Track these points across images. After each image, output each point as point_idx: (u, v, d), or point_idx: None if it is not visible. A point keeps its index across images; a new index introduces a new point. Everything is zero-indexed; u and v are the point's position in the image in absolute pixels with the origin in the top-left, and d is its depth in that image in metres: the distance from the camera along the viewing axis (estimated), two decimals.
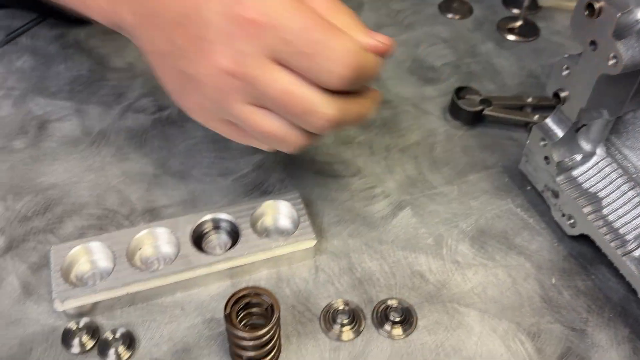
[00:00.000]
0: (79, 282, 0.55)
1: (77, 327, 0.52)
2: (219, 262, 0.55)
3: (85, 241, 0.55)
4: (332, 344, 0.53)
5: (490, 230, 0.61)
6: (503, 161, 0.68)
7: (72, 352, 0.51)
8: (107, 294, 0.52)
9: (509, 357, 0.52)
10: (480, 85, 0.76)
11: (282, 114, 0.49)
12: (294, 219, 0.59)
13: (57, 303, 0.52)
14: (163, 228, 0.57)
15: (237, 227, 0.57)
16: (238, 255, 0.55)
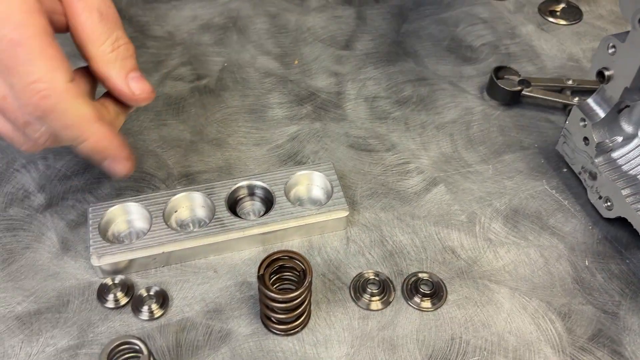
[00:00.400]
0: (116, 240, 0.56)
1: (112, 283, 0.53)
2: (252, 227, 0.56)
3: (123, 201, 0.57)
4: (361, 313, 0.53)
5: (524, 210, 0.61)
6: (539, 142, 0.67)
7: (107, 306, 0.52)
8: (142, 252, 0.53)
9: (539, 335, 0.52)
10: (519, 67, 0.75)
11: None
12: (327, 189, 0.60)
13: (94, 258, 0.53)
14: (199, 192, 0.58)
15: (271, 194, 0.58)
16: (271, 221, 0.56)
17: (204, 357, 0.50)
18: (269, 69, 0.75)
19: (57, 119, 0.45)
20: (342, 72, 0.74)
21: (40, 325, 0.51)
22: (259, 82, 0.73)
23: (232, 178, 0.59)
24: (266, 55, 0.76)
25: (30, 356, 0.49)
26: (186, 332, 0.51)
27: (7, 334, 0.51)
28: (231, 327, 0.52)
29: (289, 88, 0.73)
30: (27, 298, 0.53)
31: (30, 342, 0.50)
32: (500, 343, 0.51)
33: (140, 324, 0.52)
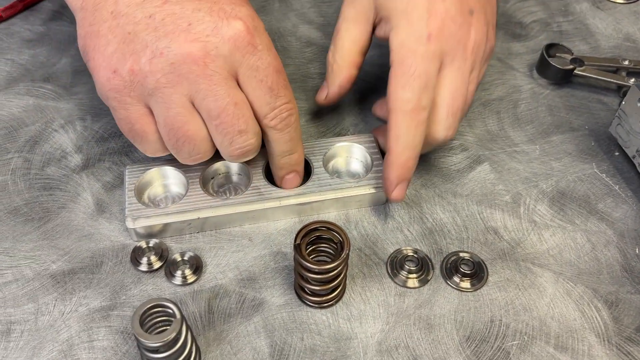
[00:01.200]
0: (151, 203, 0.55)
1: (147, 246, 0.53)
2: (289, 197, 0.54)
3: (160, 164, 0.56)
4: (397, 289, 0.51)
5: (572, 194, 0.58)
6: (590, 124, 0.64)
7: (140, 269, 0.52)
8: (178, 217, 0.53)
9: (583, 322, 0.50)
10: (571, 46, 0.71)
11: (214, 123, 0.48)
12: (366, 163, 0.58)
13: (129, 221, 0.52)
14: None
15: (309, 164, 0.57)
16: (309, 192, 0.55)
17: (236, 325, 0.49)
18: (311, 39, 0.73)
19: (293, 131, 0.52)
20: (385, 44, 0.72)
21: (73, 284, 0.51)
22: (300, 52, 0.71)
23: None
24: (308, 25, 0.74)
25: (64, 314, 0.49)
26: (219, 299, 0.50)
27: (42, 291, 0.50)
28: (264, 297, 0.51)
29: None
30: (62, 257, 0.53)
31: (63, 301, 0.50)
32: (541, 328, 0.49)
33: (173, 289, 0.51)
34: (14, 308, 0.49)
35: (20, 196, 0.57)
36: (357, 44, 0.57)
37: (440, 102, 0.52)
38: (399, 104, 0.51)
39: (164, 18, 0.46)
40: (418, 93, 0.51)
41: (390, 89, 0.52)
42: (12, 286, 0.51)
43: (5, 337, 0.48)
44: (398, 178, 0.53)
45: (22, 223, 0.55)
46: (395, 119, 0.51)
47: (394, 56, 0.52)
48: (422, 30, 0.51)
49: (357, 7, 0.56)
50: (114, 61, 0.47)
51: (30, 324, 0.49)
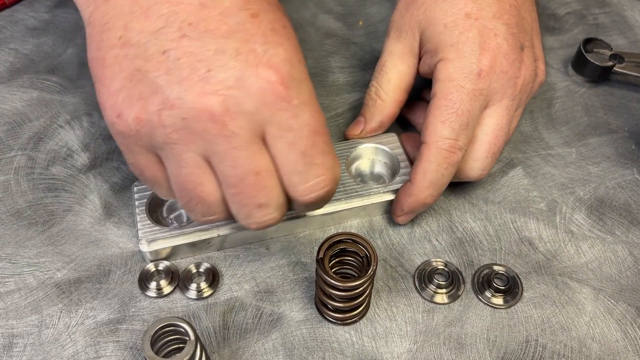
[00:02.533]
0: (165, 220, 0.51)
1: (155, 269, 0.49)
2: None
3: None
4: (425, 305, 0.48)
5: (611, 201, 0.55)
6: (630, 125, 0.60)
7: (148, 294, 0.48)
8: (195, 236, 0.48)
9: (626, 344, 0.46)
10: (609, 40, 0.67)
11: (231, 191, 0.40)
12: (392, 165, 0.54)
13: (144, 244, 0.48)
14: None
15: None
16: (334, 200, 0.50)
17: (253, 342, 0.46)
18: (331, 30, 0.69)
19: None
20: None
21: (79, 295, 0.48)
22: (319, 44, 0.67)
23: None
24: (328, 14, 0.70)
25: (69, 327, 0.46)
26: (234, 313, 0.47)
27: (46, 302, 0.47)
28: (283, 311, 0.47)
29: (352, 51, 0.66)
30: (67, 265, 0.49)
31: (69, 312, 0.47)
32: (581, 350, 0.46)
33: (185, 301, 0.48)
34: (16, 320, 0.46)
35: (23, 197, 0.53)
36: (404, 80, 0.54)
37: (482, 140, 0.50)
38: (435, 138, 0.48)
39: (179, 58, 0.38)
40: (457, 131, 0.48)
41: (429, 120, 0.49)
42: (14, 296, 0.48)
43: (7, 352, 0.45)
44: (411, 210, 0.50)
45: (25, 227, 0.52)
46: (427, 153, 0.48)
47: (439, 88, 0.49)
48: (472, 65, 0.48)
49: (404, 42, 0.53)
50: (119, 102, 0.39)
51: (34, 338, 0.46)
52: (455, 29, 0.49)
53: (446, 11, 0.50)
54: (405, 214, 0.51)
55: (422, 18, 0.52)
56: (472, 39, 0.48)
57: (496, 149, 0.50)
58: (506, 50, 0.48)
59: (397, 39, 0.54)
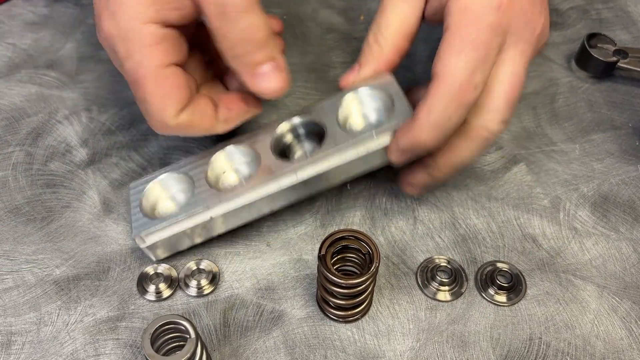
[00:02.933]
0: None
1: (154, 272, 0.48)
2: (305, 167, 0.46)
3: (158, 174, 0.49)
4: (428, 303, 0.47)
5: (615, 198, 0.54)
6: (634, 122, 0.60)
7: (147, 298, 0.47)
8: (189, 222, 0.46)
9: (630, 342, 0.46)
10: (612, 35, 0.66)
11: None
12: (387, 108, 0.48)
13: (139, 239, 0.46)
14: (238, 145, 0.49)
15: (321, 127, 0.48)
16: (327, 155, 0.46)
17: (254, 339, 0.45)
18: (332, 24, 0.68)
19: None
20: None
21: (78, 292, 0.47)
22: (321, 39, 0.67)
23: (273, 121, 0.50)
24: (329, 9, 0.69)
25: (68, 325, 0.46)
26: (235, 310, 0.47)
27: (44, 299, 0.47)
28: (284, 309, 0.47)
29: (353, 46, 0.66)
30: (66, 262, 0.49)
31: (68, 310, 0.46)
32: (585, 348, 0.45)
33: (186, 298, 0.47)
34: (14, 317, 0.46)
35: (21, 194, 0.53)
36: (405, 25, 0.48)
37: (498, 88, 0.44)
38: (448, 70, 0.42)
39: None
40: (473, 65, 0.42)
41: (440, 54, 0.43)
42: (12, 293, 0.47)
43: (6, 350, 0.44)
44: (407, 149, 0.45)
45: (23, 223, 0.51)
46: (436, 89, 0.43)
47: (452, 20, 0.43)
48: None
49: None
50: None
51: (32, 335, 0.45)
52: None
53: None
54: (400, 151, 0.45)
55: None
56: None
57: (513, 99, 0.45)
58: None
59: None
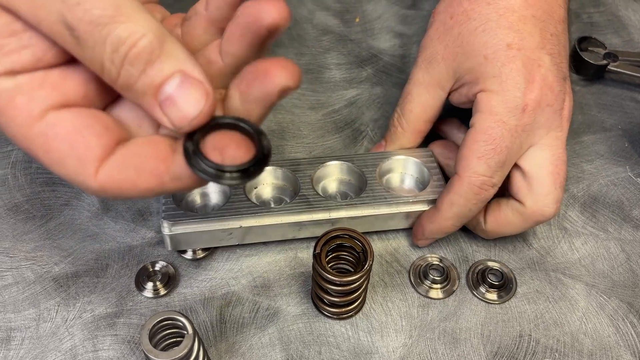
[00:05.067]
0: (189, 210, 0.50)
1: (152, 270, 0.49)
2: (339, 209, 0.49)
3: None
4: (420, 300, 0.49)
5: (604, 199, 0.55)
6: (623, 124, 0.61)
7: (145, 295, 0.48)
8: (219, 225, 0.48)
9: (617, 339, 0.47)
10: (603, 39, 0.68)
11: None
12: (422, 179, 0.53)
13: (166, 227, 0.47)
14: (283, 168, 0.52)
15: (362, 177, 0.52)
16: (362, 204, 0.49)
17: (250, 336, 0.46)
18: (328, 26, 0.69)
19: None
20: (407, 33, 0.68)
21: (77, 289, 0.48)
22: (317, 40, 0.68)
23: (318, 157, 0.53)
24: (325, 11, 0.70)
25: (67, 321, 0.46)
26: (231, 307, 0.48)
27: (44, 295, 0.48)
28: (279, 306, 0.48)
29: (348, 48, 0.67)
30: (65, 259, 0.50)
31: (67, 306, 0.47)
32: (574, 345, 0.46)
33: (183, 295, 0.48)
34: (14, 313, 0.47)
35: (21, 192, 0.53)
36: (427, 111, 0.52)
37: (542, 174, 0.47)
38: (469, 173, 0.46)
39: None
40: (493, 169, 0.46)
41: (464, 153, 0.47)
42: (12, 289, 0.48)
43: (5, 345, 0.45)
44: (431, 235, 0.50)
45: (23, 221, 0.52)
46: (458, 186, 0.47)
47: (479, 120, 0.47)
48: (517, 100, 0.45)
49: (432, 73, 0.51)
50: None
51: (32, 331, 0.46)
52: (497, 60, 0.46)
53: (486, 42, 0.47)
54: (425, 239, 0.50)
55: (458, 50, 0.49)
56: (515, 70, 0.46)
57: (561, 179, 0.47)
58: (551, 82, 0.46)
59: (426, 69, 0.51)
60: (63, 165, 0.32)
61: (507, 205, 0.48)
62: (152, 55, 0.30)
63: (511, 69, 0.46)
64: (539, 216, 0.48)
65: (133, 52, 0.30)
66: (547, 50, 0.47)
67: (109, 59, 0.30)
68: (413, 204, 0.50)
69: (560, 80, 0.47)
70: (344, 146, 0.58)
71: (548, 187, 0.47)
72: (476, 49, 0.48)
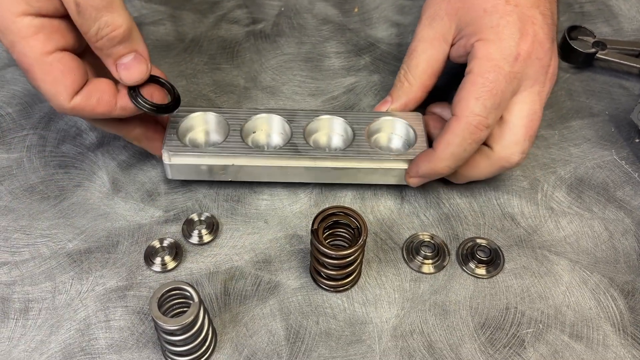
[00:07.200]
0: (191, 146, 0.55)
1: (160, 246, 0.52)
2: (325, 159, 0.53)
3: (204, 109, 0.56)
4: (413, 275, 0.51)
5: (590, 180, 0.58)
6: (610, 110, 0.63)
7: (154, 269, 0.51)
8: (214, 160, 0.53)
9: (599, 311, 0.50)
10: (593, 28, 0.70)
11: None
12: (408, 140, 0.56)
13: (166, 156, 0.52)
14: (279, 116, 0.56)
15: (352, 132, 0.55)
16: (346, 157, 0.53)
17: (252, 307, 0.49)
18: (327, 16, 0.72)
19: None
20: (404, 22, 0.71)
21: (90, 264, 0.51)
22: (316, 30, 0.70)
23: (314, 110, 0.57)
24: (325, 1, 0.73)
25: (80, 293, 0.49)
26: (235, 280, 0.51)
27: (59, 270, 0.51)
28: (280, 280, 0.51)
29: (347, 37, 0.70)
30: (78, 236, 0.53)
31: (80, 280, 0.50)
32: (557, 316, 0.49)
33: (189, 270, 0.51)
34: (31, 286, 0.50)
35: (35, 174, 0.57)
36: (433, 65, 0.56)
37: (517, 124, 0.51)
38: (466, 113, 0.49)
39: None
40: (488, 110, 0.49)
41: (462, 94, 0.50)
42: (29, 264, 0.51)
43: (24, 315, 0.48)
44: (425, 175, 0.52)
45: (38, 201, 0.55)
46: (455, 126, 0.50)
47: (476, 64, 0.50)
48: (511, 48, 0.49)
49: (436, 28, 0.55)
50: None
51: (48, 303, 0.49)
52: (495, 13, 0.51)
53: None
54: (418, 177, 0.53)
55: (459, 5, 0.53)
56: (512, 23, 0.50)
57: (532, 132, 0.51)
58: (542, 38, 0.50)
59: (430, 25, 0.55)
60: (53, 88, 0.46)
61: (477, 149, 0.52)
62: (122, 39, 0.46)
63: (507, 21, 0.50)
64: (504, 162, 0.52)
65: (112, 34, 0.45)
66: (540, 10, 0.51)
67: (95, 31, 0.45)
68: (394, 161, 0.54)
69: (550, 39, 0.51)
70: None
71: (518, 137, 0.51)
72: (477, 4, 0.52)
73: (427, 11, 0.56)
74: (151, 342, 0.47)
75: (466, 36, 0.52)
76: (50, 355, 0.46)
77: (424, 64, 0.56)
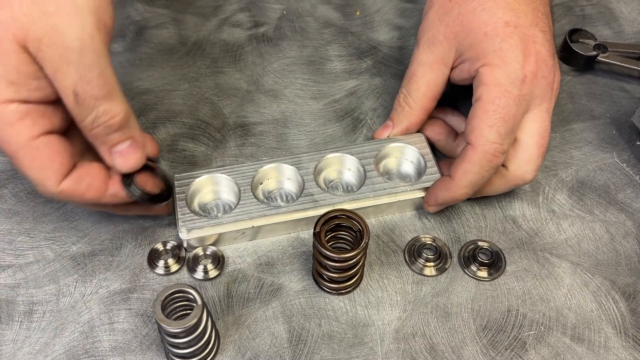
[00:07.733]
0: (202, 211, 0.54)
1: (164, 249, 0.52)
2: (343, 202, 0.52)
3: (209, 171, 0.54)
4: (414, 277, 0.52)
5: (591, 183, 0.58)
6: (612, 112, 0.64)
7: (157, 272, 0.51)
8: (232, 226, 0.51)
9: (600, 314, 0.50)
10: (594, 31, 0.70)
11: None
12: (418, 164, 0.56)
13: (183, 232, 0.51)
14: (287, 164, 0.55)
15: (362, 168, 0.55)
16: (363, 197, 0.53)
17: (255, 309, 0.49)
18: (329, 19, 0.72)
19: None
20: (405, 25, 0.71)
21: (93, 266, 0.51)
22: (318, 33, 0.70)
23: (319, 150, 0.56)
24: (327, 5, 0.73)
25: (84, 296, 0.50)
26: (237, 283, 0.51)
27: (63, 273, 0.51)
28: (282, 282, 0.51)
29: (349, 40, 0.70)
30: (82, 239, 0.53)
31: (84, 282, 0.51)
32: (558, 319, 0.50)
33: None
34: (35, 289, 0.50)
35: None
36: (433, 89, 0.56)
37: (530, 142, 0.51)
38: (482, 142, 0.49)
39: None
40: (503, 136, 0.49)
41: (475, 123, 0.50)
42: (33, 267, 0.51)
43: (28, 318, 0.49)
44: (444, 203, 0.53)
45: (42, 204, 0.55)
46: (472, 155, 0.50)
47: (485, 92, 0.50)
48: (517, 72, 0.49)
49: (435, 52, 0.54)
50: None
51: (52, 305, 0.49)
52: (496, 36, 0.50)
53: (485, 20, 0.51)
54: (437, 205, 0.53)
55: (459, 29, 0.52)
56: (514, 45, 0.50)
57: (544, 150, 0.52)
58: (545, 56, 0.50)
59: (429, 49, 0.55)
60: (40, 174, 0.45)
61: None
62: (119, 126, 0.45)
63: (510, 44, 0.50)
64: (519, 180, 0.53)
65: (109, 122, 0.45)
66: (540, 28, 0.51)
67: (91, 120, 0.44)
68: (410, 192, 0.54)
69: (552, 55, 0.51)
70: (344, 134, 0.61)
71: (532, 156, 0.52)
72: (476, 27, 0.51)
73: (425, 35, 0.55)
74: (155, 345, 0.47)
75: (469, 60, 0.52)
76: (54, 357, 0.47)
77: (424, 87, 0.56)
